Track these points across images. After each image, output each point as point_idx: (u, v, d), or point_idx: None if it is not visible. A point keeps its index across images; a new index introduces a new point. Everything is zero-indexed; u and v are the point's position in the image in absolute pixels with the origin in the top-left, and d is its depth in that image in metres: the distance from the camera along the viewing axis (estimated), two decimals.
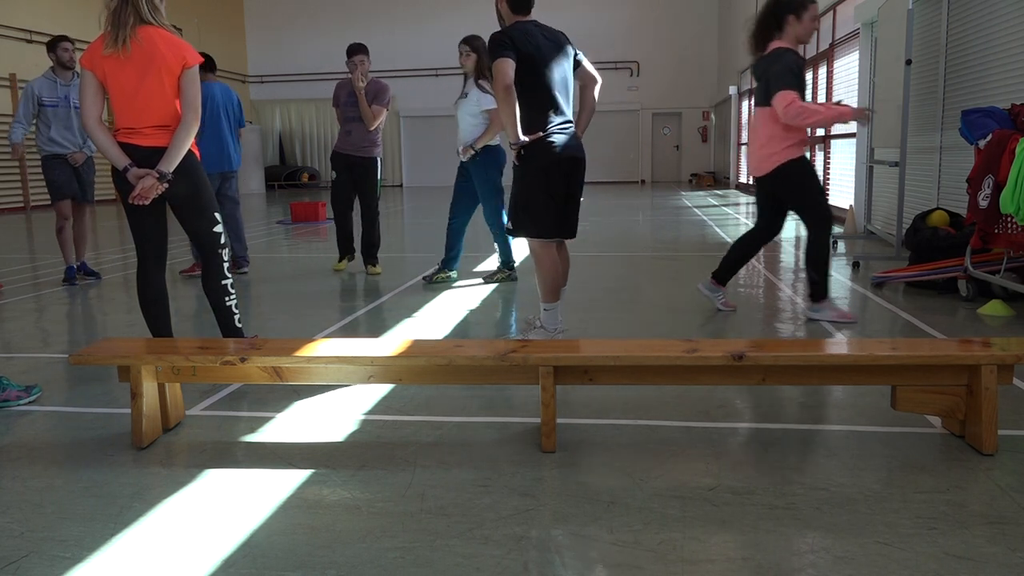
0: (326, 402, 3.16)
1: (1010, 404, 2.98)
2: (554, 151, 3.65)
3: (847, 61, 10.86)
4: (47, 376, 3.66)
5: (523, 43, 3.56)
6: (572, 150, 3.71)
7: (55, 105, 6.17)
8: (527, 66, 3.56)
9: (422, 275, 6.20)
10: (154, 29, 3.25)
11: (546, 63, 3.61)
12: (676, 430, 2.80)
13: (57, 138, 6.20)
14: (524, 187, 3.74)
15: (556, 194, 3.70)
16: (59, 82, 6.22)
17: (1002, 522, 2.07)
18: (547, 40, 3.65)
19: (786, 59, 4.25)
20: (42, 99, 6.13)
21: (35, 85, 6.17)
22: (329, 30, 25.01)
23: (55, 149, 6.22)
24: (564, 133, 3.69)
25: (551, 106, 3.65)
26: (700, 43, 24.71)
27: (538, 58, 3.58)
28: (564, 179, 3.71)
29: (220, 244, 3.53)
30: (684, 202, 15.44)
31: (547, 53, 3.62)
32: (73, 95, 6.23)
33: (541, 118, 3.64)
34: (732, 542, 2.00)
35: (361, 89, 6.24)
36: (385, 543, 2.02)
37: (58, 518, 2.19)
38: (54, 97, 6.18)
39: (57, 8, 17.57)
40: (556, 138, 3.66)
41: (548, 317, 3.87)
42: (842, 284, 5.80)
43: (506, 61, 3.50)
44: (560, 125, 3.68)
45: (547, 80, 3.63)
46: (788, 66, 4.23)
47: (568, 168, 3.71)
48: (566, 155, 3.68)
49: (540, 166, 3.67)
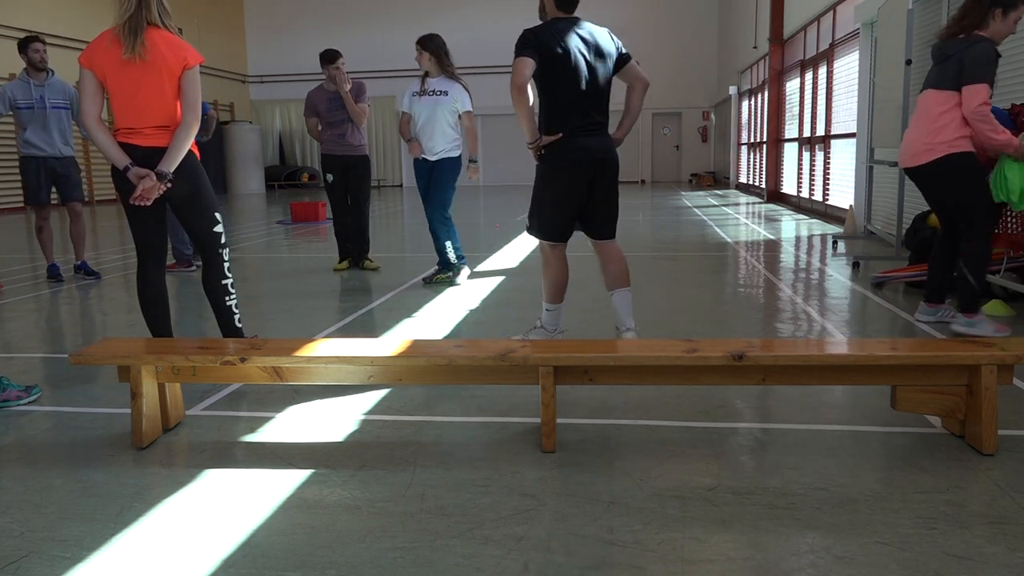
0: (326, 402, 3.16)
1: (1010, 404, 2.98)
2: (573, 153, 3.56)
3: (847, 61, 10.86)
4: (47, 376, 3.66)
5: (550, 41, 3.46)
6: (595, 152, 3.59)
7: (30, 107, 6.11)
8: (552, 65, 3.47)
9: (421, 276, 6.19)
10: (157, 30, 3.25)
11: (574, 63, 3.49)
12: (676, 430, 2.80)
13: (33, 139, 6.16)
14: (540, 187, 3.70)
15: (571, 197, 3.63)
16: (33, 83, 6.15)
17: (1002, 522, 2.07)
18: (582, 40, 3.53)
19: (987, 47, 3.91)
20: (16, 102, 6.07)
21: (9, 88, 6.10)
22: (329, 30, 25.02)
23: (31, 151, 6.18)
24: (588, 135, 3.58)
25: (575, 107, 3.55)
26: (700, 43, 24.72)
27: (565, 57, 3.47)
28: (584, 182, 3.62)
29: (221, 244, 3.53)
30: (684, 202, 15.44)
31: (578, 53, 3.50)
32: (48, 95, 6.17)
33: (563, 119, 3.55)
34: (732, 542, 2.00)
35: (348, 91, 6.37)
36: (385, 543, 2.02)
37: (58, 518, 2.19)
38: (29, 99, 6.11)
39: (57, 8, 17.57)
40: (577, 140, 3.56)
41: (549, 318, 3.85)
42: (842, 284, 5.80)
43: (524, 61, 3.41)
44: (584, 126, 3.57)
45: (574, 80, 3.50)
46: (988, 56, 3.90)
47: (590, 171, 3.60)
48: (587, 157, 3.57)
49: (557, 167, 3.61)
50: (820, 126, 12.27)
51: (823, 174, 11.99)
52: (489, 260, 7.35)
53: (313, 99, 6.65)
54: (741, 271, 6.62)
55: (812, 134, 12.81)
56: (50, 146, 6.22)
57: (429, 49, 5.69)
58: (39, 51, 6.16)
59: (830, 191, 11.72)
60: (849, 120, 10.60)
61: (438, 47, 5.71)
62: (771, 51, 15.30)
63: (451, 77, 5.73)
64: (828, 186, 11.82)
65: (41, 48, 6.18)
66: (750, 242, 8.63)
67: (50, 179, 6.31)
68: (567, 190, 3.63)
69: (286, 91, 26.33)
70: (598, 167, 3.63)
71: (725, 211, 13.16)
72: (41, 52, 6.17)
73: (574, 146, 3.57)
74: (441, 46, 5.72)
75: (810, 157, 12.94)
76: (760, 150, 17.23)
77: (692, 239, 8.98)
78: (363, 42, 25.45)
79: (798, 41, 13.99)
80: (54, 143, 6.24)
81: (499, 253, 7.89)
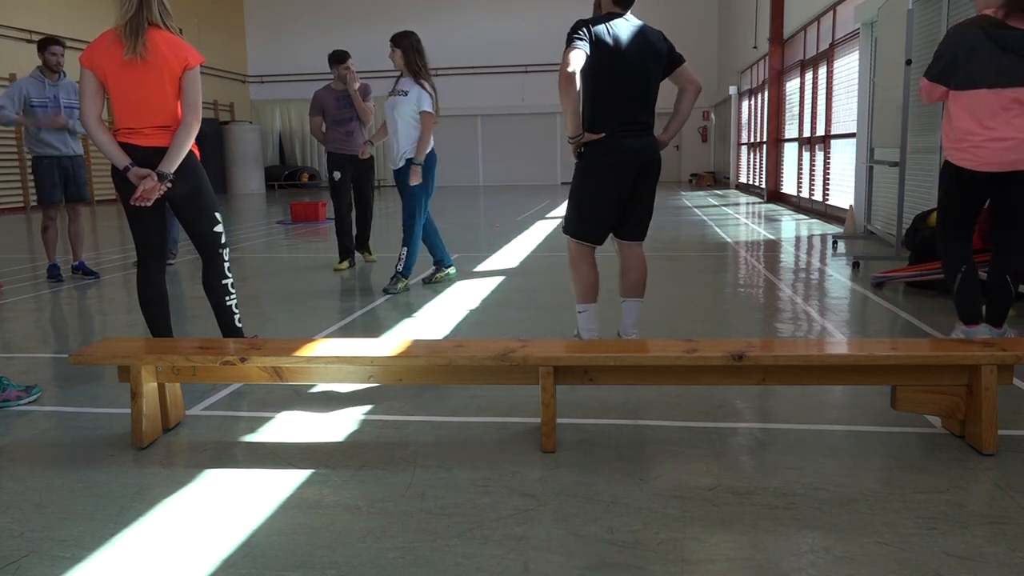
0: (326, 402, 3.16)
1: (1010, 404, 2.98)
2: (615, 154, 3.46)
3: (847, 61, 10.86)
4: (47, 376, 3.66)
5: (603, 35, 3.36)
6: (638, 153, 3.49)
7: (44, 106, 6.10)
8: (601, 61, 3.37)
9: (421, 276, 6.20)
10: (157, 30, 3.25)
11: (623, 61, 3.40)
12: (676, 430, 2.80)
13: (48, 139, 6.16)
14: (577, 186, 3.61)
15: (609, 200, 3.53)
16: (47, 83, 6.15)
17: (1002, 522, 2.07)
18: (633, 38, 3.43)
19: None
20: (31, 99, 6.05)
21: (24, 84, 6.09)
22: (329, 30, 25.01)
23: (45, 151, 6.18)
24: (632, 135, 3.48)
25: (620, 106, 3.45)
26: (700, 43, 24.69)
27: (615, 54, 3.38)
28: (627, 184, 3.51)
29: (221, 244, 3.53)
30: (684, 202, 15.44)
31: (628, 51, 3.40)
32: (62, 95, 6.17)
33: (607, 117, 3.45)
34: (732, 542, 2.00)
35: (357, 90, 6.50)
36: (385, 543, 2.02)
37: (58, 518, 2.19)
38: (43, 98, 6.11)
39: (57, 8, 17.58)
40: (620, 140, 3.46)
41: (583, 321, 3.71)
42: (842, 284, 5.80)
43: (578, 51, 3.29)
44: (628, 127, 3.47)
45: (620, 79, 3.42)
46: None
47: (632, 172, 3.50)
48: (631, 159, 3.48)
49: (597, 167, 3.51)
50: (820, 126, 12.27)
51: (823, 174, 11.99)
52: (489, 260, 7.35)
53: (321, 98, 6.72)
54: (741, 271, 6.62)
55: (812, 134, 12.81)
56: (65, 145, 6.24)
57: (401, 46, 5.54)
58: (56, 55, 6.15)
59: (830, 191, 11.72)
60: (849, 120, 10.60)
61: (409, 45, 5.54)
62: (771, 51, 15.30)
63: (416, 77, 5.52)
64: (828, 186, 11.81)
65: (59, 52, 6.17)
66: (750, 242, 8.63)
67: (63, 178, 6.32)
68: (607, 191, 3.52)
69: (286, 91, 26.34)
70: (641, 169, 3.53)
71: (725, 211, 13.16)
72: (59, 56, 6.16)
73: (617, 147, 3.47)
74: (413, 44, 5.55)
75: (810, 157, 12.94)
76: (760, 150, 17.23)
77: (692, 239, 8.98)
78: (363, 42, 25.32)
79: (798, 41, 14.00)
80: (68, 142, 6.26)
81: (499, 253, 7.89)
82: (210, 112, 23.31)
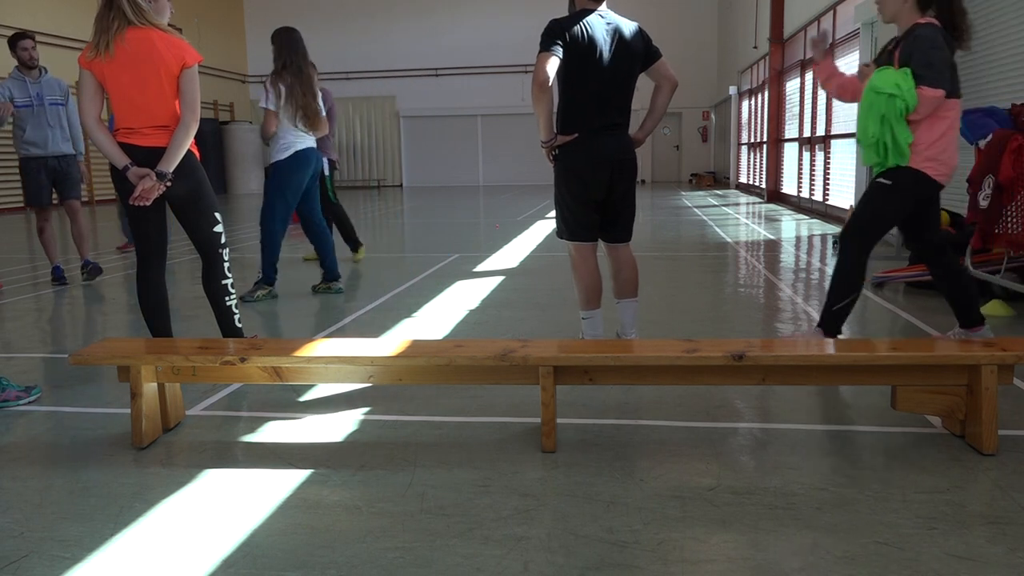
0: (326, 402, 3.16)
1: (1010, 404, 2.98)
2: (588, 154, 3.44)
3: (847, 61, 10.86)
4: (47, 376, 3.66)
5: (578, 37, 3.31)
6: (611, 152, 3.46)
7: (28, 105, 6.00)
8: (575, 60, 3.32)
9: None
10: (150, 30, 3.23)
11: (598, 63, 3.35)
12: (676, 430, 2.80)
13: (32, 138, 6.06)
14: (558, 189, 3.59)
15: (588, 198, 3.50)
16: (28, 81, 6.04)
17: (1002, 522, 2.07)
18: (610, 34, 3.38)
19: None
20: (15, 100, 5.92)
21: (7, 86, 5.96)
22: (329, 30, 24.99)
23: (31, 151, 6.09)
24: (604, 135, 3.45)
25: (595, 105, 3.41)
26: (700, 43, 24.71)
27: (589, 57, 3.33)
28: (602, 182, 3.47)
29: (221, 244, 3.53)
30: (684, 202, 15.44)
31: (603, 53, 3.35)
32: (45, 92, 6.08)
33: (581, 117, 3.42)
34: (732, 542, 2.00)
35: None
36: (385, 543, 2.02)
37: (58, 518, 2.19)
38: (26, 97, 6.00)
39: (56, 8, 17.57)
40: (594, 140, 3.43)
41: (587, 327, 3.65)
42: None
43: (550, 57, 3.25)
44: (602, 126, 3.44)
45: (595, 77, 3.37)
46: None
47: (607, 171, 3.46)
48: (603, 159, 3.44)
49: (570, 168, 3.50)
50: (820, 126, 12.26)
51: (823, 174, 11.99)
52: (489, 260, 7.35)
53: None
54: (741, 271, 6.62)
55: (812, 134, 12.81)
56: (49, 144, 6.13)
57: (274, 42, 5.46)
58: (27, 48, 6.01)
59: (830, 191, 11.72)
60: (849, 120, 10.59)
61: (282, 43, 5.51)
62: (771, 51, 15.30)
63: (273, 73, 5.40)
64: (828, 186, 11.81)
65: (30, 45, 6.03)
66: (750, 242, 8.63)
67: (51, 179, 6.23)
68: (584, 190, 3.50)
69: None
70: (616, 168, 3.50)
71: (725, 211, 13.16)
72: (30, 49, 6.02)
73: (590, 147, 3.44)
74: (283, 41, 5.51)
75: (810, 157, 12.94)
76: (760, 150, 17.23)
77: (692, 239, 8.98)
78: (363, 42, 25.46)
79: (798, 41, 13.99)
80: (54, 140, 6.15)
81: (499, 253, 7.89)
82: (210, 112, 23.30)
